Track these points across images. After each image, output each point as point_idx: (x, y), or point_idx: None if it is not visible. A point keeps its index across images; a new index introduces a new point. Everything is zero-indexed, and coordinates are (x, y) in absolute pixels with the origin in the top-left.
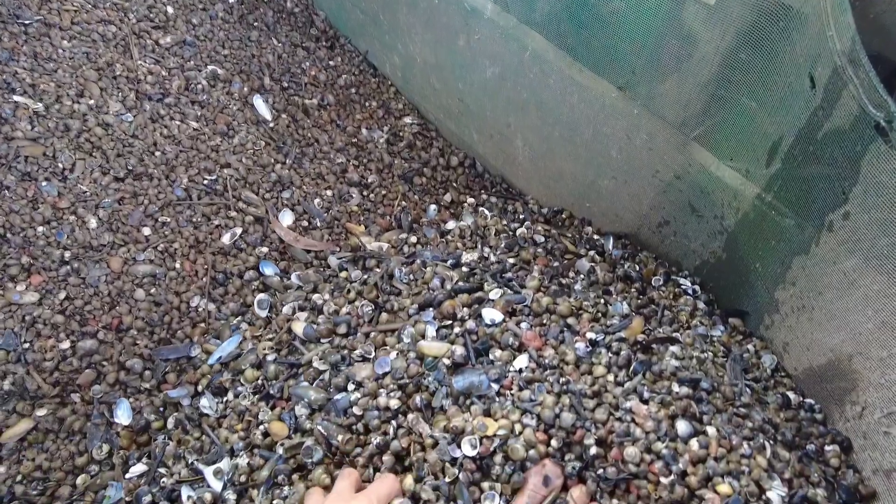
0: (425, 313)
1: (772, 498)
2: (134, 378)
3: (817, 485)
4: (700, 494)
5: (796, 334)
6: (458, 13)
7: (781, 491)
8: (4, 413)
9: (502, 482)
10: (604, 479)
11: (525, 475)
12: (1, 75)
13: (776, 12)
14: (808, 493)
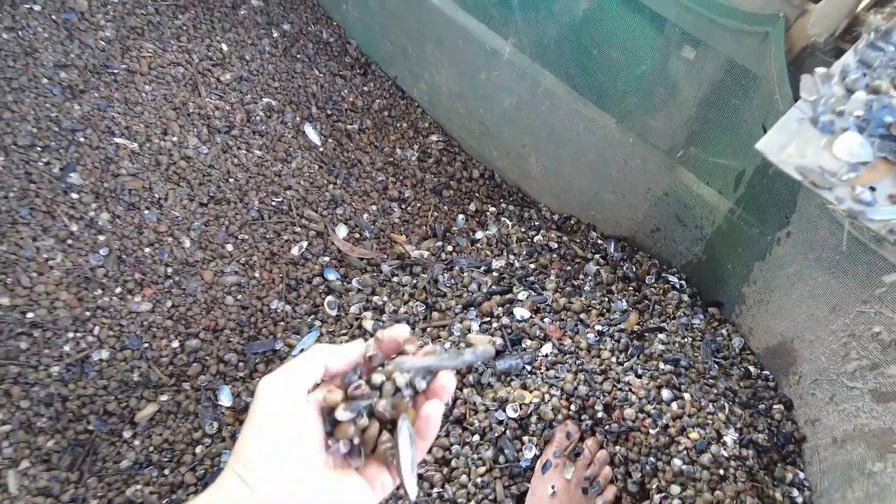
0: (469, 312)
1: (727, 441)
2: (231, 369)
3: (761, 431)
4: (678, 440)
5: (757, 321)
6: (480, 53)
7: (734, 436)
8: (136, 399)
9: (537, 436)
10: (609, 432)
11: (553, 431)
12: (102, 121)
13: (738, 72)
14: (754, 437)
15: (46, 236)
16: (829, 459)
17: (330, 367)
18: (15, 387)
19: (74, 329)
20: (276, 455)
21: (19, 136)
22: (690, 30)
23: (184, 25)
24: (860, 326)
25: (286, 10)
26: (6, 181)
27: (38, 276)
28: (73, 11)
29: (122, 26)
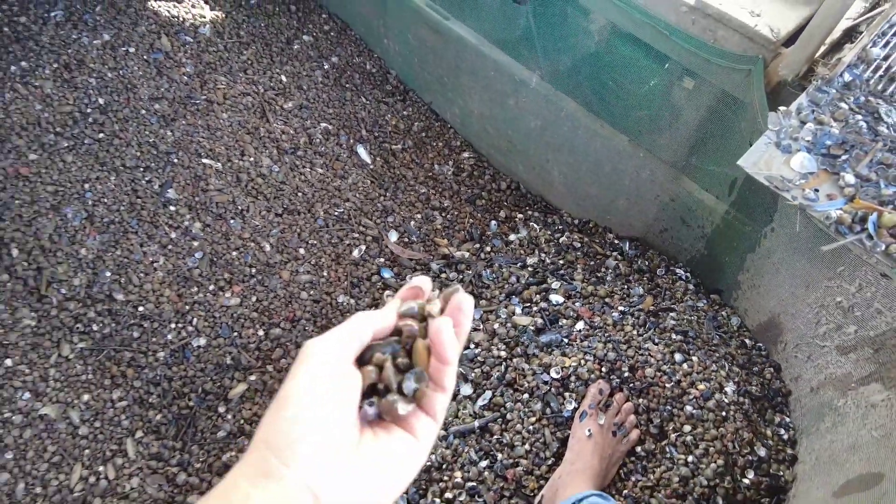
0: (512, 299)
1: (727, 391)
2: None
3: (753, 385)
4: (688, 391)
5: (751, 303)
6: (510, 82)
7: (733, 387)
8: (229, 379)
9: (575, 392)
10: (633, 388)
11: (587, 389)
12: (191, 144)
13: (728, 99)
14: (749, 389)
15: (151, 242)
16: (808, 405)
17: (377, 331)
18: (129, 369)
19: (176, 320)
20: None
21: (126, 158)
22: (689, 66)
23: (248, 60)
24: (827, 298)
25: (333, 44)
26: (118, 197)
27: (145, 276)
28: (160, 52)
29: (199, 62)
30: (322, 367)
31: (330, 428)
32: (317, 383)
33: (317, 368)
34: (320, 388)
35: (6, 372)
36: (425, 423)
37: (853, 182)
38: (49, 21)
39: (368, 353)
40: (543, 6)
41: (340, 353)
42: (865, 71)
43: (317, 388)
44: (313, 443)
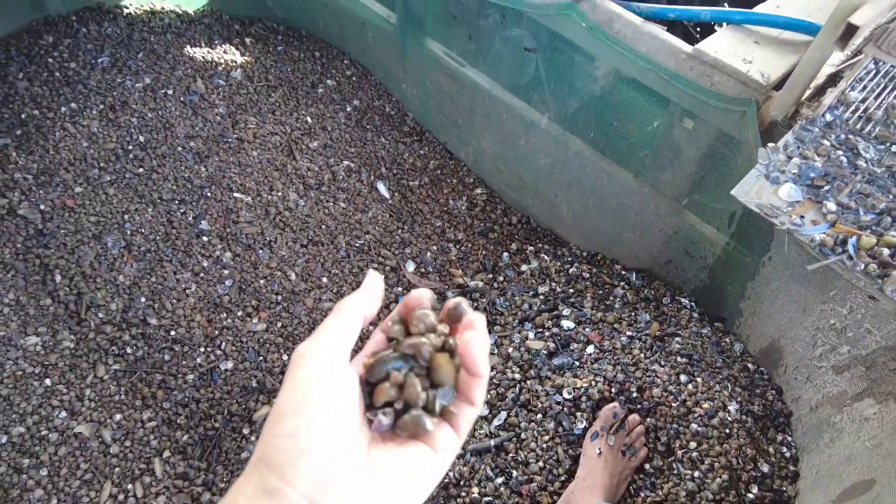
0: (525, 325)
1: (731, 409)
2: None
3: (755, 405)
4: (693, 410)
5: (753, 329)
6: (521, 123)
7: (736, 406)
8: (253, 402)
9: (586, 412)
10: (642, 408)
11: (601, 410)
12: (223, 179)
13: (725, 138)
14: (750, 408)
15: (185, 270)
16: (808, 423)
17: (367, 315)
18: (160, 390)
19: (206, 344)
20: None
21: (163, 192)
22: (689, 108)
23: (276, 102)
24: (822, 321)
25: (355, 88)
26: (155, 227)
27: (178, 301)
28: (196, 94)
29: (231, 104)
30: (315, 373)
31: (333, 440)
32: (312, 392)
33: (310, 375)
34: (316, 396)
35: (45, 391)
36: (447, 436)
37: (835, 209)
38: (96, 66)
39: (379, 367)
40: (552, 54)
41: (333, 354)
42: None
43: (313, 396)
44: (316, 458)
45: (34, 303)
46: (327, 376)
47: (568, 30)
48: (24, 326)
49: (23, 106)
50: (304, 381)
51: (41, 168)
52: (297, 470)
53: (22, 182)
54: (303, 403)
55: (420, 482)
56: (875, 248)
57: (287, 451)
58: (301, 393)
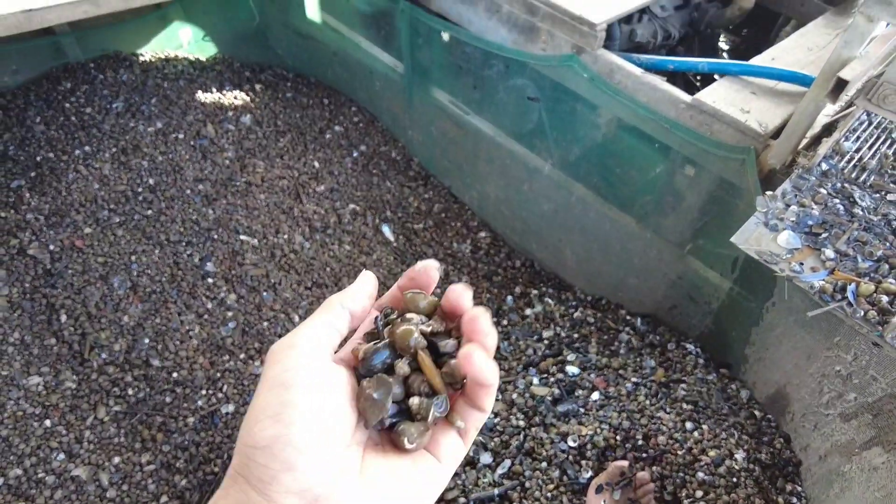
0: (530, 370)
1: (738, 458)
2: None
3: (763, 454)
4: (699, 458)
5: (759, 376)
6: (524, 169)
7: (743, 455)
8: None
9: (591, 461)
10: (647, 455)
11: (609, 464)
12: (230, 222)
13: (726, 185)
14: (758, 457)
15: (189, 312)
16: (817, 473)
17: (354, 310)
18: (160, 433)
19: (207, 387)
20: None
21: (171, 233)
22: (690, 155)
23: (285, 147)
24: (827, 367)
25: (362, 134)
26: (161, 269)
27: (181, 343)
28: (206, 138)
29: (240, 148)
30: (294, 372)
31: (322, 449)
32: (292, 393)
33: (288, 375)
34: (298, 399)
35: (45, 432)
36: (452, 443)
37: (833, 256)
38: (111, 111)
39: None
40: (555, 103)
41: (312, 351)
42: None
43: (293, 398)
44: (303, 471)
45: (39, 342)
46: (308, 375)
47: (570, 80)
48: (27, 366)
49: (38, 148)
50: (281, 382)
51: (53, 209)
52: (282, 485)
53: (33, 222)
54: (282, 408)
55: (417, 494)
56: (874, 294)
57: (267, 466)
58: (279, 395)
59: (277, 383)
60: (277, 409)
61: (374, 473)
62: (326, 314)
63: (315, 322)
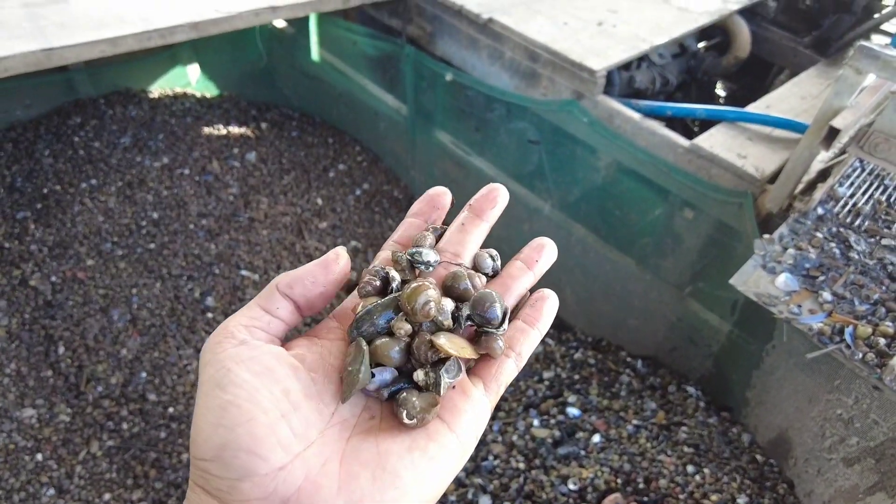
0: (531, 412)
1: (740, 502)
2: None
3: (766, 499)
4: (702, 503)
5: (760, 419)
6: (525, 209)
7: (745, 499)
8: None
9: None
10: (650, 499)
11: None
12: (232, 257)
13: (725, 228)
14: (762, 502)
15: (187, 346)
16: None
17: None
18: (153, 469)
19: None
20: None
21: (172, 267)
22: (688, 198)
23: (288, 184)
24: (829, 411)
25: (365, 173)
26: (161, 302)
27: (178, 378)
28: (210, 174)
29: (245, 185)
30: (228, 369)
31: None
32: (230, 392)
33: (222, 373)
34: (238, 396)
35: (35, 466)
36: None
37: (830, 299)
38: (118, 146)
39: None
40: (555, 146)
41: (249, 338)
42: (835, 206)
43: (233, 398)
44: (264, 475)
45: (35, 374)
46: (244, 366)
47: (570, 124)
48: (21, 398)
49: (45, 181)
50: (216, 382)
51: (57, 240)
52: (242, 494)
53: (37, 254)
54: (222, 411)
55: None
56: (871, 337)
57: (221, 476)
58: (217, 397)
59: (213, 384)
60: (218, 413)
61: (361, 460)
62: (262, 299)
63: (248, 307)
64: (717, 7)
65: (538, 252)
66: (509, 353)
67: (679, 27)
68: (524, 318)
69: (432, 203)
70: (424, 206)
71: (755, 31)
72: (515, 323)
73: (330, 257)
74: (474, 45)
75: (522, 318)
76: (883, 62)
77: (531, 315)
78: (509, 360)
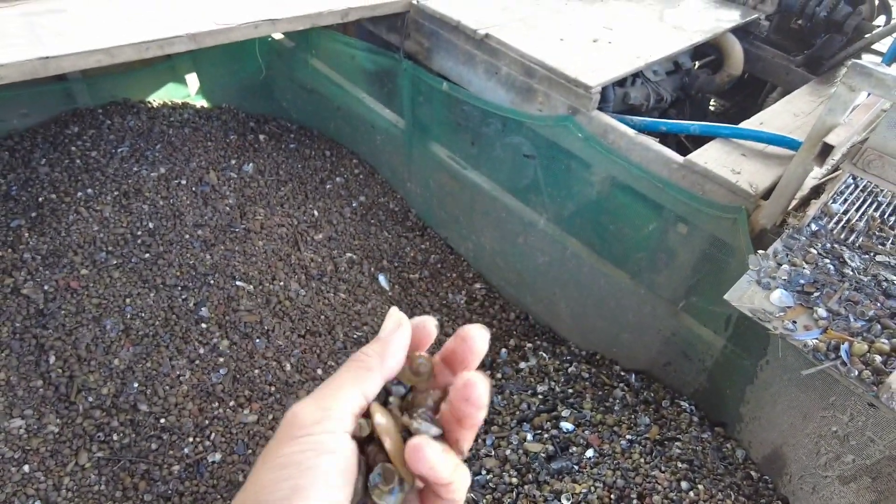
0: (524, 426)
1: None
2: None
3: None
4: None
5: (754, 435)
6: (520, 222)
7: None
8: None
9: None
10: None
11: None
12: (227, 267)
13: (718, 243)
14: None
15: (180, 357)
16: None
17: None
18: (142, 481)
19: (195, 434)
20: None
21: (167, 277)
22: (682, 214)
23: (285, 195)
24: (824, 428)
25: (362, 186)
26: (155, 312)
27: (170, 388)
28: (208, 185)
29: (241, 196)
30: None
31: None
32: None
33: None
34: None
35: (22, 478)
36: None
37: (826, 315)
38: (116, 155)
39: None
40: (550, 161)
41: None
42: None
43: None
44: None
45: (24, 384)
46: (330, 460)
47: (565, 139)
48: (10, 408)
49: (41, 189)
50: (298, 462)
51: (51, 249)
52: None
53: (30, 262)
54: (294, 493)
55: None
56: (867, 354)
57: None
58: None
59: (293, 461)
60: (287, 493)
61: None
62: (362, 382)
63: (348, 390)
64: (710, 25)
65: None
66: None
67: (673, 45)
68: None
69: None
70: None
71: (748, 50)
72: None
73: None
74: (471, 60)
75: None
76: (876, 79)
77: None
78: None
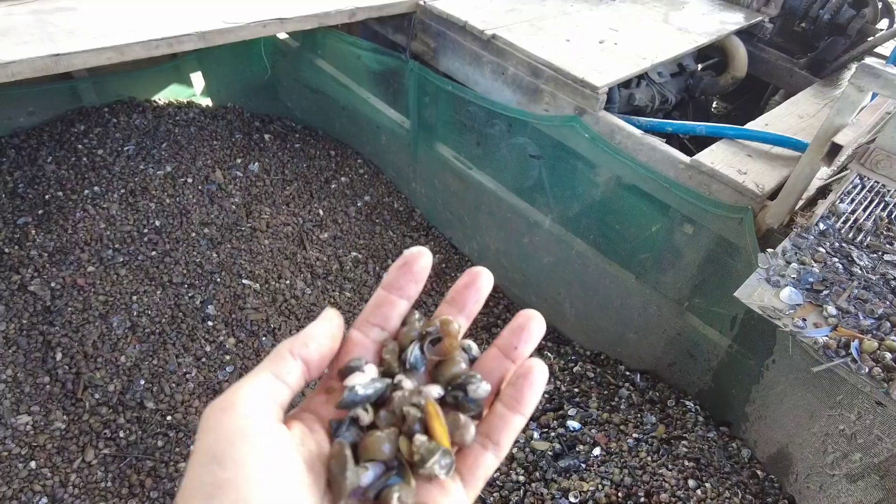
0: (530, 424)
1: None
2: None
3: None
4: None
5: (760, 434)
6: (525, 223)
7: None
8: None
9: None
10: None
11: None
12: (233, 266)
13: (725, 244)
14: None
15: (187, 354)
16: None
17: (309, 358)
18: (149, 478)
19: None
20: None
21: (174, 275)
22: (689, 214)
23: (291, 195)
24: (831, 427)
25: (367, 185)
26: (162, 310)
27: (177, 386)
28: (214, 183)
29: (247, 195)
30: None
31: None
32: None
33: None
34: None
35: (29, 474)
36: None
37: (835, 313)
38: (122, 153)
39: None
40: (556, 161)
41: (257, 412)
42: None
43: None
44: None
45: (31, 380)
46: (248, 445)
47: (571, 140)
48: (17, 404)
49: (48, 187)
50: (214, 456)
51: (58, 246)
52: None
53: (37, 259)
54: (216, 489)
55: None
56: (877, 351)
57: None
58: (212, 473)
59: (210, 457)
60: (210, 490)
61: None
62: (273, 364)
63: (258, 376)
64: (715, 28)
65: (517, 336)
66: (487, 443)
67: (678, 47)
68: (506, 400)
69: (409, 273)
70: (401, 276)
71: (752, 52)
72: (496, 407)
73: (328, 315)
74: (477, 60)
75: (504, 401)
76: (884, 80)
77: (513, 397)
78: (487, 454)
